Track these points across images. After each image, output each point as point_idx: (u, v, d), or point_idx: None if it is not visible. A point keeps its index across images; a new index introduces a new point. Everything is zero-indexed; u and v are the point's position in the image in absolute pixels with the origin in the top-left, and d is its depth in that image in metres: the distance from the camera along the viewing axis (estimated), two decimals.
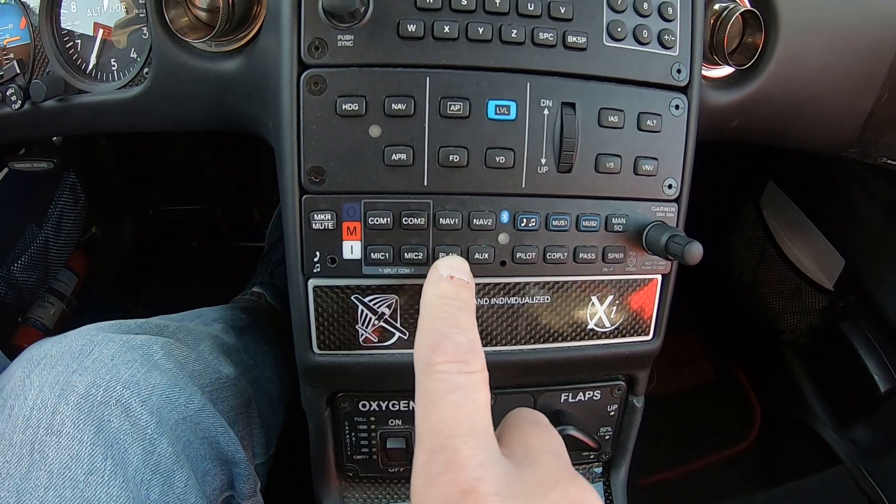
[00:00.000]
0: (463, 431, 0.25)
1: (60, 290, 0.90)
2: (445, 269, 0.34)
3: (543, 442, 0.30)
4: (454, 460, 0.24)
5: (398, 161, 0.43)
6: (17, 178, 0.79)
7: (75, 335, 0.46)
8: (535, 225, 0.46)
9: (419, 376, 0.28)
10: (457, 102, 0.43)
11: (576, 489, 0.25)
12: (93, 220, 0.96)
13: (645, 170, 0.47)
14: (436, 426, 0.26)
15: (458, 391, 0.27)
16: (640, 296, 0.50)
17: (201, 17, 0.53)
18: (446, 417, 0.26)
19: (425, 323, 0.31)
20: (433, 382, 0.27)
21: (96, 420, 0.41)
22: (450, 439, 0.25)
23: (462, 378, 0.27)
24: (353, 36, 0.42)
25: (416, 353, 0.29)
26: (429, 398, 0.27)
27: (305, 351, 0.47)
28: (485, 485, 0.24)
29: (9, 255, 0.79)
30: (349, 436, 0.52)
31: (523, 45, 0.44)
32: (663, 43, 0.47)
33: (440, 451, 0.25)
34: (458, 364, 0.28)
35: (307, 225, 0.44)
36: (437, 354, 0.28)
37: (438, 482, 0.24)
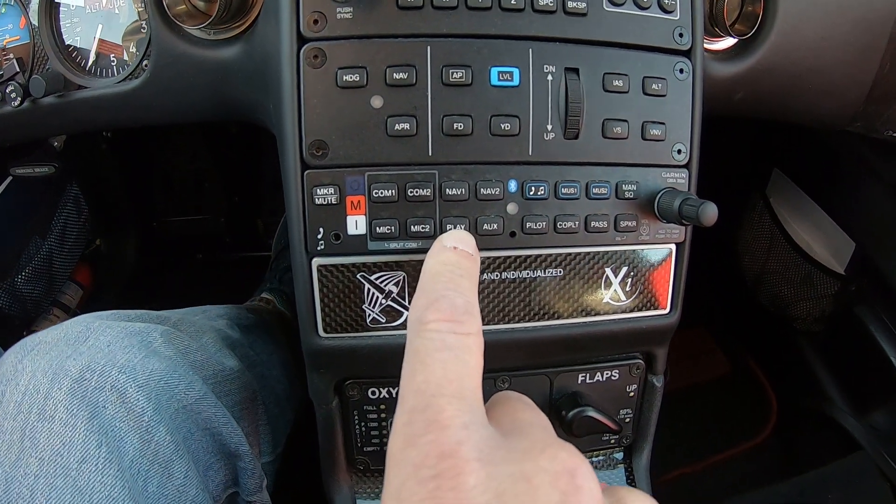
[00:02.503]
0: (449, 392, 0.23)
1: (65, 302, 0.87)
2: (450, 241, 0.32)
3: (532, 416, 0.27)
4: (437, 420, 0.22)
5: (401, 131, 0.41)
6: (20, 189, 0.77)
7: (71, 322, 0.43)
8: (544, 193, 0.43)
9: (410, 335, 0.26)
10: (459, 70, 0.41)
11: (566, 454, 0.22)
12: (97, 232, 0.94)
13: (653, 134, 0.45)
14: (421, 385, 0.23)
15: (448, 351, 0.24)
16: (656, 267, 0.47)
17: (199, 5, 0.52)
18: (433, 376, 0.23)
19: (423, 285, 0.28)
20: (423, 341, 0.24)
21: (90, 406, 0.38)
22: (434, 398, 0.22)
23: (453, 338, 0.24)
24: (353, 8, 0.41)
25: (410, 314, 0.27)
26: (416, 357, 0.24)
27: (311, 335, 0.44)
28: (466, 448, 0.21)
29: (13, 268, 0.77)
30: (359, 426, 0.48)
31: (523, 12, 0.42)
32: (664, 7, 0.45)
33: (422, 411, 0.22)
34: (451, 324, 0.25)
35: (310, 200, 0.41)
36: (431, 312, 0.25)
37: (417, 443, 0.21)
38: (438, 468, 0.20)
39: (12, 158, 0.71)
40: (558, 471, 0.21)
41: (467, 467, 0.20)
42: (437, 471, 0.20)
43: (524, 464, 0.21)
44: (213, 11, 0.52)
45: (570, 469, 0.21)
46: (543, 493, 0.20)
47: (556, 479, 0.21)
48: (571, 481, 0.21)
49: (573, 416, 0.47)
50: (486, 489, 0.20)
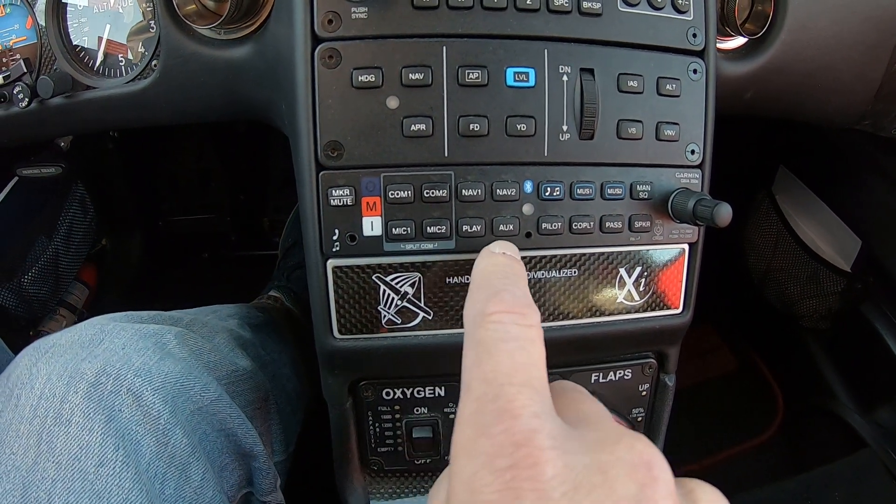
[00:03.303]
0: (518, 381, 0.22)
1: (72, 302, 0.87)
2: (498, 248, 0.33)
3: (595, 407, 0.27)
4: (508, 409, 0.21)
5: (417, 132, 0.41)
6: (26, 190, 0.77)
7: (85, 325, 0.43)
8: (559, 194, 0.43)
9: (470, 329, 0.25)
10: (475, 70, 0.41)
11: (642, 445, 0.22)
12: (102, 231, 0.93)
13: (667, 135, 0.45)
14: (488, 374, 0.23)
15: (513, 341, 0.24)
16: (669, 267, 0.47)
17: (208, 5, 0.52)
18: (500, 365, 0.23)
19: (479, 282, 0.28)
20: (486, 332, 0.24)
21: (107, 409, 0.38)
22: (503, 387, 0.22)
23: (517, 329, 0.24)
24: (367, 7, 0.40)
25: (468, 310, 0.26)
26: (481, 347, 0.24)
27: (326, 336, 0.44)
28: (541, 437, 0.21)
29: (19, 268, 0.76)
30: (373, 427, 0.48)
31: (538, 12, 0.42)
32: (677, 7, 0.45)
33: (492, 400, 0.22)
34: (514, 315, 0.25)
35: (325, 202, 0.41)
36: (493, 304, 0.25)
37: (489, 432, 0.21)
38: (514, 457, 0.20)
39: (18, 159, 0.70)
40: (635, 462, 0.21)
41: (544, 456, 0.20)
42: (513, 460, 0.20)
43: (599, 454, 0.21)
44: (224, 11, 0.52)
45: (647, 461, 0.21)
46: (621, 484, 0.20)
47: (633, 470, 0.20)
48: (648, 473, 0.20)
49: None
50: (563, 480, 0.20)
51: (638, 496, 0.20)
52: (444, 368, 0.46)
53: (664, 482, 0.21)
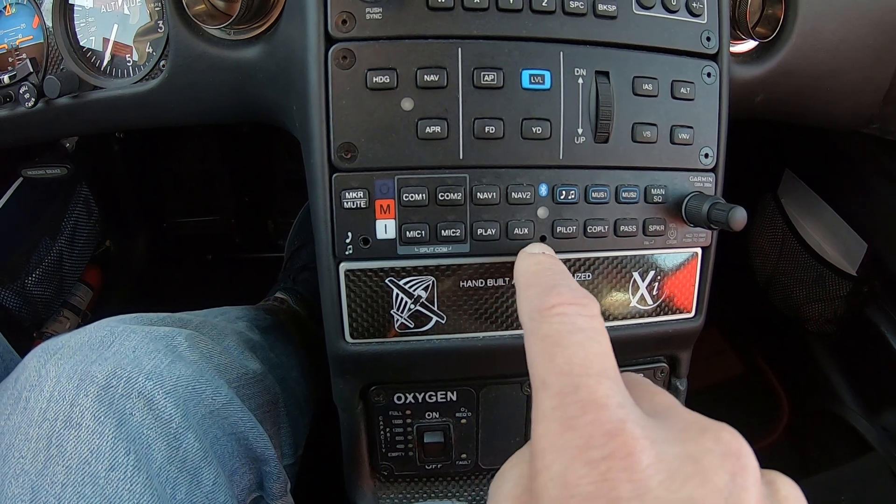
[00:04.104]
0: (595, 371, 0.22)
1: (76, 304, 0.86)
2: (536, 249, 0.32)
3: (669, 399, 0.26)
4: (592, 400, 0.21)
5: (432, 134, 0.40)
6: (30, 191, 0.76)
7: (94, 327, 0.42)
8: (574, 198, 0.42)
9: (531, 325, 0.25)
10: (490, 73, 0.40)
11: (729, 435, 0.21)
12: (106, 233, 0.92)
13: (681, 138, 0.44)
14: (563, 367, 0.22)
15: (581, 332, 0.23)
16: (682, 271, 0.46)
17: (218, 5, 0.51)
18: (574, 357, 0.22)
19: (528, 280, 0.27)
20: (551, 325, 0.23)
21: (118, 413, 0.37)
22: (582, 378, 0.21)
23: (583, 320, 0.24)
24: (382, 8, 0.40)
25: (523, 307, 0.26)
26: (550, 341, 0.23)
27: (337, 340, 0.43)
28: (631, 426, 0.20)
29: (23, 269, 0.75)
30: (384, 431, 0.47)
31: (554, 14, 0.42)
32: (692, 10, 0.45)
33: (573, 392, 0.21)
34: (577, 307, 0.24)
35: (338, 204, 0.41)
36: (552, 297, 0.24)
37: (576, 425, 0.20)
38: (608, 448, 0.19)
39: (23, 159, 0.69)
40: (725, 452, 0.20)
41: (637, 446, 0.19)
42: (607, 451, 0.19)
43: (689, 444, 0.20)
44: (235, 11, 0.51)
45: (736, 450, 0.21)
46: (714, 473, 0.19)
47: (724, 459, 0.20)
48: (738, 461, 0.20)
49: None
50: (658, 469, 0.19)
51: (730, 485, 0.19)
52: (457, 373, 0.46)
53: (752, 470, 0.20)
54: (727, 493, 0.19)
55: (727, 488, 0.19)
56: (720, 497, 0.19)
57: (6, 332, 0.53)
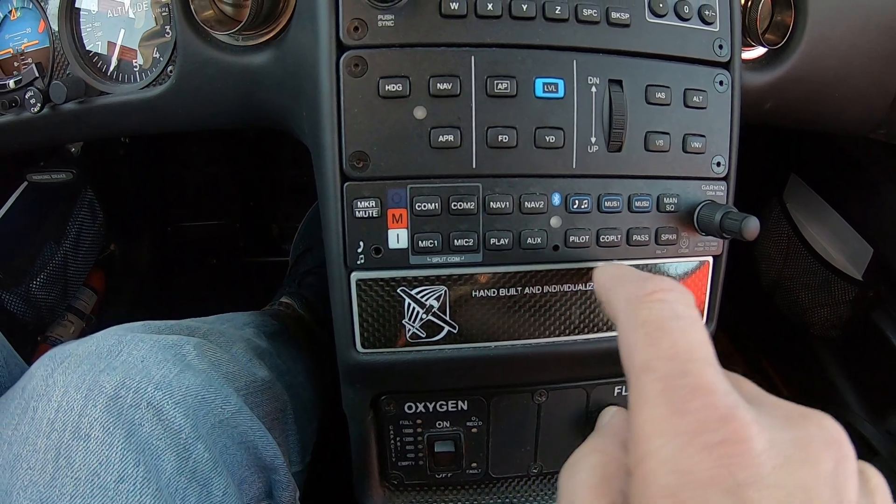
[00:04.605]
0: (700, 357, 0.21)
1: (80, 307, 0.85)
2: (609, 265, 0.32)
3: (754, 387, 0.26)
4: (701, 385, 0.20)
5: (445, 143, 0.39)
6: (35, 195, 0.75)
7: (102, 335, 0.42)
8: (587, 207, 0.42)
9: (628, 311, 0.24)
10: (504, 81, 0.40)
11: (830, 422, 0.21)
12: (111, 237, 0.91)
13: (694, 147, 0.44)
14: (668, 351, 0.21)
15: (683, 319, 0.23)
16: (693, 279, 0.46)
17: (227, 11, 0.50)
18: (678, 342, 0.22)
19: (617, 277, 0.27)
20: (651, 311, 0.23)
21: (127, 423, 0.37)
22: (689, 363, 0.21)
23: (682, 307, 0.23)
24: (394, 15, 0.39)
25: (619, 294, 0.25)
26: (652, 325, 0.23)
27: (348, 350, 0.42)
28: (742, 412, 0.20)
29: (27, 274, 0.75)
30: (394, 441, 0.47)
31: (567, 22, 0.41)
32: (704, 18, 0.44)
33: (680, 377, 0.20)
34: (675, 293, 0.24)
35: (350, 213, 0.40)
36: (651, 284, 0.24)
37: (687, 409, 0.20)
38: (722, 433, 0.19)
39: (28, 164, 0.69)
40: (828, 439, 0.20)
41: (751, 431, 0.19)
42: (721, 436, 0.19)
43: (796, 430, 0.20)
44: (244, 17, 0.50)
45: (838, 438, 0.20)
46: (821, 460, 0.19)
47: (828, 446, 0.20)
48: (840, 449, 0.20)
49: None
50: (771, 455, 0.19)
51: (835, 472, 0.19)
52: (469, 382, 0.45)
53: (853, 459, 0.20)
54: (833, 481, 0.19)
55: (832, 476, 0.19)
56: (827, 484, 0.19)
57: (10, 337, 0.52)
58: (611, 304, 0.27)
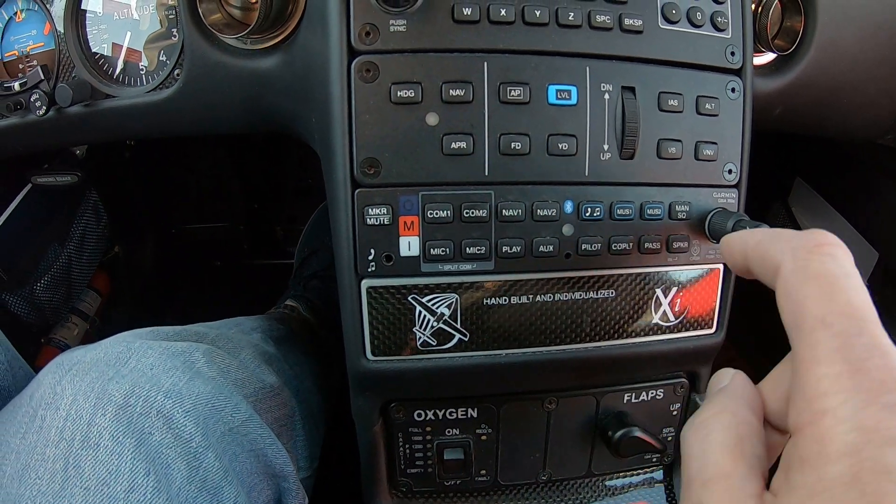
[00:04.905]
0: (873, 318, 0.20)
1: (84, 309, 0.84)
2: None
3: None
4: (876, 345, 0.19)
5: (458, 150, 0.39)
6: (39, 196, 0.74)
7: (110, 342, 0.41)
8: (599, 214, 0.41)
9: (796, 263, 0.23)
10: (517, 88, 0.39)
11: None
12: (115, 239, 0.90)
13: (706, 154, 0.43)
14: (845, 308, 0.20)
15: (853, 277, 0.22)
16: (703, 287, 0.45)
17: (235, 14, 0.49)
18: (853, 300, 0.21)
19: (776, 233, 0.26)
20: (823, 264, 0.22)
21: (136, 432, 0.36)
22: (865, 323, 0.20)
23: (851, 265, 0.22)
24: (406, 21, 0.38)
25: (782, 246, 0.24)
26: (826, 280, 0.21)
27: (358, 357, 0.42)
28: None
29: (31, 275, 0.74)
30: (403, 448, 0.46)
31: (580, 29, 0.40)
32: (716, 25, 0.44)
33: (857, 335, 0.20)
34: (843, 249, 0.23)
35: (360, 220, 0.39)
36: (819, 236, 0.23)
37: (866, 368, 0.19)
38: None
39: (32, 166, 0.68)
40: None
41: None
42: None
43: None
44: (252, 20, 0.49)
45: None
46: None
47: None
48: None
49: (620, 437, 0.46)
50: None
51: None
52: (479, 390, 0.45)
53: None
54: None
55: None
56: None
57: (14, 339, 0.51)
58: (770, 258, 0.25)
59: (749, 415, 0.23)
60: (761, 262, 0.26)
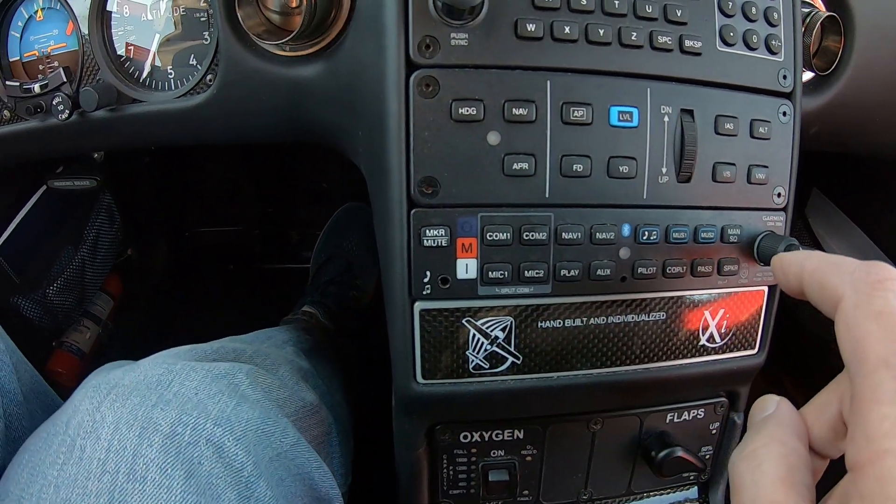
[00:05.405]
0: None
1: (96, 313, 0.79)
2: None
3: None
4: None
5: (519, 171, 0.36)
6: (53, 198, 0.69)
7: (149, 363, 0.37)
8: (655, 238, 0.39)
9: (857, 297, 0.21)
10: (580, 108, 0.36)
11: None
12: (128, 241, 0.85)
13: (757, 178, 0.41)
14: None
15: None
16: (748, 309, 0.43)
17: (273, 19, 0.45)
18: None
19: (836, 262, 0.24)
20: (888, 301, 0.20)
21: (185, 463, 0.32)
22: None
23: None
24: (468, 34, 0.35)
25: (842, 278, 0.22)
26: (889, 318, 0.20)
27: (407, 380, 0.39)
28: None
29: (44, 279, 0.68)
30: (447, 469, 0.43)
31: (642, 49, 0.38)
32: (770, 48, 0.41)
33: None
34: None
35: (416, 242, 0.36)
36: (881, 271, 0.21)
37: None
38: None
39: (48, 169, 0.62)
40: None
41: None
42: None
43: None
44: (291, 26, 0.46)
45: None
46: None
47: None
48: None
49: (664, 457, 0.44)
50: None
51: None
52: (528, 412, 0.42)
53: None
54: None
55: None
56: None
57: (26, 342, 0.47)
58: (829, 288, 0.23)
59: (798, 444, 0.22)
60: (819, 290, 0.25)
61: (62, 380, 0.72)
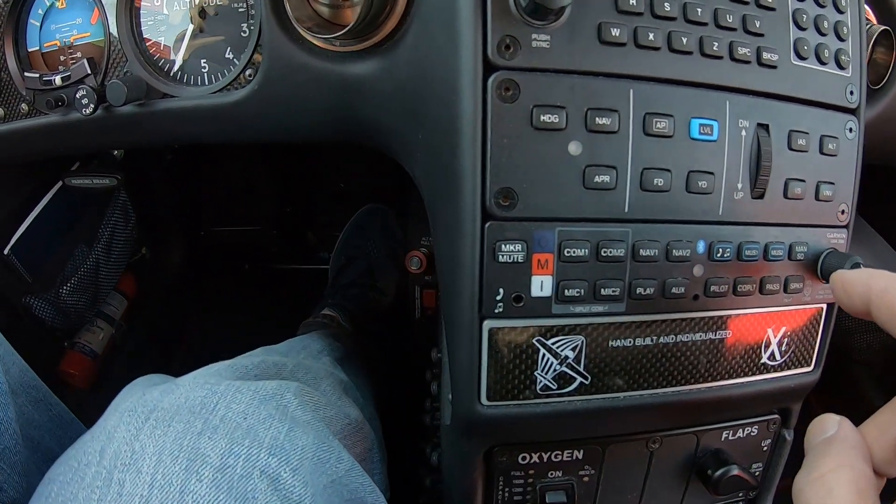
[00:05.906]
0: None
1: (110, 313, 0.73)
2: None
3: None
4: None
5: (600, 184, 0.32)
6: (68, 196, 0.62)
7: (189, 384, 0.32)
8: (729, 255, 0.36)
9: None
10: (663, 120, 0.33)
11: None
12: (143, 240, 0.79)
13: (825, 195, 0.38)
14: None
15: None
16: (808, 326, 0.41)
17: (322, 12, 0.41)
18: None
19: None
20: None
21: (239, 498, 0.28)
22: None
23: None
24: (550, 36, 0.31)
25: None
26: None
27: (471, 402, 0.35)
28: None
29: (57, 278, 0.62)
30: (502, 491, 0.40)
31: (722, 60, 0.34)
32: (840, 63, 0.39)
33: None
34: None
35: (490, 257, 0.32)
36: None
37: None
38: None
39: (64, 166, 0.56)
40: None
41: None
42: None
43: None
44: (342, 19, 0.41)
45: None
46: None
47: None
48: None
49: (720, 476, 0.41)
50: None
51: None
52: (590, 433, 0.39)
53: None
54: None
55: None
56: None
57: (38, 344, 0.42)
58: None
59: (865, 467, 0.21)
60: (888, 313, 0.23)
61: (74, 381, 0.66)
